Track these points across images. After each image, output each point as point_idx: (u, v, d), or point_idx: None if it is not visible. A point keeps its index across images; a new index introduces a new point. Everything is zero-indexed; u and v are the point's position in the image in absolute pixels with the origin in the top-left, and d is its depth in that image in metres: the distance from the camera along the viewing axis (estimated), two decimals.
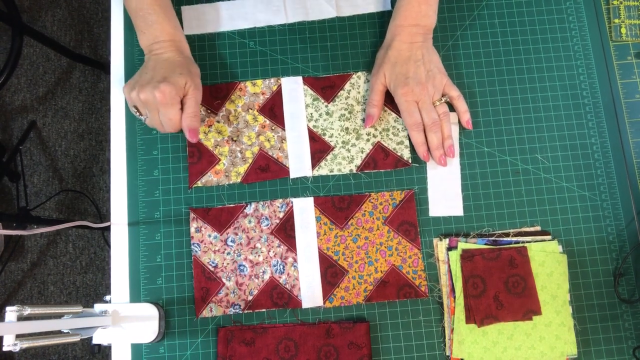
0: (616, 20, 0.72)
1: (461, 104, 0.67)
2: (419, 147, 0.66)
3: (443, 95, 0.67)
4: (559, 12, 0.73)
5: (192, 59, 0.68)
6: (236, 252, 0.65)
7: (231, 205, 0.67)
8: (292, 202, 0.67)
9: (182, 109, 0.63)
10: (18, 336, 0.46)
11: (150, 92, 0.60)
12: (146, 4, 0.65)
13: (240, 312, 0.64)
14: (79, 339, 0.54)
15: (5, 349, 0.46)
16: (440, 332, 0.64)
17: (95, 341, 0.59)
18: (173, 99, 0.61)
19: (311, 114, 0.69)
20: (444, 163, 0.66)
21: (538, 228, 0.66)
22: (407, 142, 0.68)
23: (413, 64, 0.65)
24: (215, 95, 0.70)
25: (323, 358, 0.62)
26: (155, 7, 0.65)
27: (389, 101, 0.69)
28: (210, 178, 0.67)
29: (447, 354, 0.63)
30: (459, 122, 0.68)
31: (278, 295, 0.64)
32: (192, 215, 0.66)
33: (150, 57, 0.66)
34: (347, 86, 0.70)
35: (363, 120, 0.69)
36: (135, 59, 0.71)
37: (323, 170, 0.68)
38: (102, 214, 1.51)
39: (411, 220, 0.66)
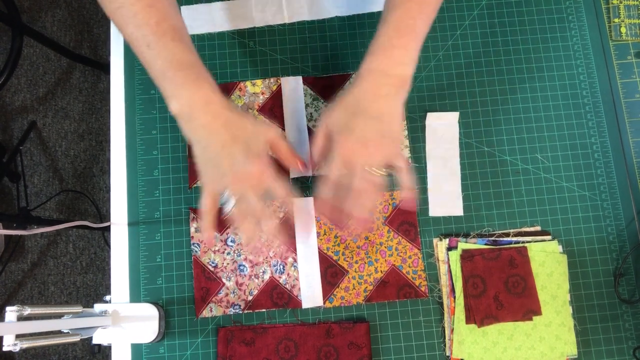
0: (616, 20, 0.72)
1: (406, 179, 0.55)
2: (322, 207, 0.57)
3: (388, 167, 0.55)
4: (559, 12, 0.73)
5: (232, 101, 0.60)
6: (236, 252, 0.65)
7: None
8: (292, 202, 0.66)
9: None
10: (18, 336, 0.46)
11: (245, 169, 0.51)
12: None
13: (240, 312, 0.64)
14: (79, 339, 0.54)
15: (5, 349, 0.46)
16: (440, 332, 0.64)
17: (95, 341, 0.59)
18: (268, 170, 0.52)
19: (311, 113, 0.69)
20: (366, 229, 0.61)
21: (538, 228, 0.66)
22: (406, 142, 0.68)
23: (363, 120, 0.53)
24: None
25: (323, 358, 0.62)
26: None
27: None
28: None
29: (447, 354, 0.63)
30: None
31: (278, 295, 0.64)
32: (192, 215, 0.66)
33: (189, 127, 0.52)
34: (346, 86, 0.70)
35: None
36: (135, 59, 0.71)
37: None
38: (102, 214, 1.51)
39: (411, 220, 0.66)
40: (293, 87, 0.70)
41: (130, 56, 0.71)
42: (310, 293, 0.64)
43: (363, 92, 0.53)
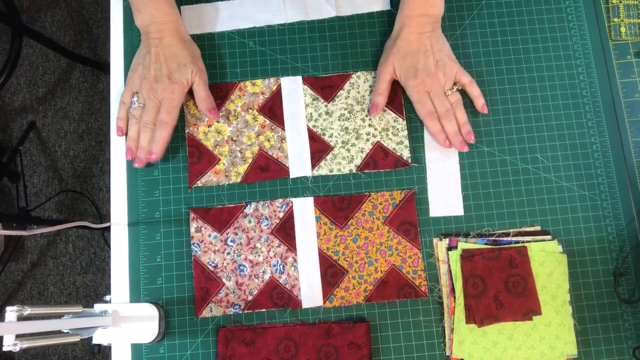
0: (615, 19, 0.72)
1: (474, 89, 0.67)
2: (437, 135, 0.66)
3: (455, 84, 0.67)
4: (559, 12, 0.73)
5: (191, 41, 0.69)
6: (236, 252, 0.65)
7: (231, 205, 0.67)
8: (292, 202, 0.67)
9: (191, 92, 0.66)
10: (18, 336, 0.46)
11: (161, 91, 0.64)
12: None
13: (240, 312, 0.64)
14: (79, 339, 0.54)
15: (5, 349, 0.46)
16: (440, 332, 0.64)
17: (95, 341, 0.59)
18: (179, 103, 0.65)
19: (311, 113, 0.69)
20: (466, 148, 0.66)
21: (538, 228, 0.66)
22: (406, 142, 0.68)
23: (422, 55, 0.65)
24: (215, 95, 0.69)
25: (323, 358, 0.62)
26: None
27: (389, 100, 0.69)
28: (210, 178, 0.67)
29: (447, 354, 0.63)
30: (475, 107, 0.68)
31: (278, 295, 0.64)
32: (192, 215, 0.66)
33: (149, 41, 0.66)
34: (346, 86, 0.70)
35: (365, 117, 0.69)
36: None
37: (323, 170, 0.68)
38: (102, 214, 1.51)
39: (411, 220, 0.66)
40: (293, 87, 0.70)
41: (130, 56, 0.71)
42: (310, 293, 0.64)
43: (410, 34, 0.66)
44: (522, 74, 0.71)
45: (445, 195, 0.67)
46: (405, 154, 0.68)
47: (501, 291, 0.63)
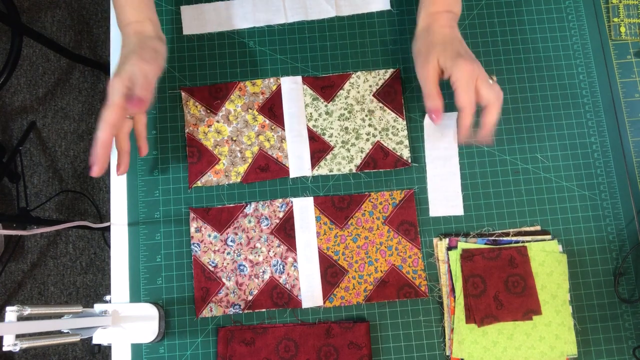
0: (615, 19, 0.72)
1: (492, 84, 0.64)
2: (465, 130, 0.61)
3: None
4: (559, 12, 0.73)
5: (151, 37, 0.65)
6: (236, 252, 0.65)
7: (231, 205, 0.67)
8: (291, 202, 0.67)
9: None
10: (18, 336, 0.46)
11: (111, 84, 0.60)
12: None
13: (240, 312, 0.64)
14: (79, 339, 0.54)
15: (5, 349, 0.46)
16: (440, 332, 0.64)
17: (95, 341, 0.59)
18: (113, 94, 0.59)
19: (311, 113, 0.69)
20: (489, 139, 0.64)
21: (538, 228, 0.66)
22: (406, 142, 0.68)
23: (460, 44, 0.63)
24: (215, 95, 0.70)
25: (323, 358, 0.62)
26: None
27: (389, 100, 0.69)
28: (210, 178, 0.67)
29: (447, 353, 0.63)
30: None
31: (278, 295, 0.64)
32: (192, 215, 0.66)
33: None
34: (346, 86, 0.70)
35: (365, 117, 0.69)
36: None
37: (323, 170, 0.68)
38: (102, 214, 1.51)
39: (411, 220, 0.66)
40: (293, 87, 0.70)
41: None
42: (310, 293, 0.64)
43: (442, 28, 0.65)
44: (522, 74, 0.71)
45: (445, 195, 0.67)
46: (405, 154, 0.68)
47: (501, 291, 0.63)
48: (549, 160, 0.68)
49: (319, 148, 0.68)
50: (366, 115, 0.69)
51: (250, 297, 0.64)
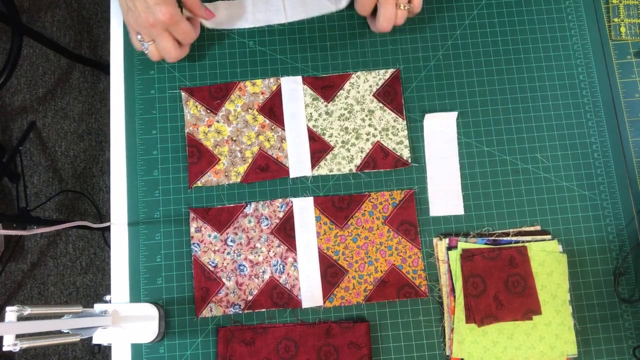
0: (616, 19, 0.72)
1: None
2: (390, 21, 0.66)
3: None
4: (559, 12, 0.73)
5: None
6: (236, 252, 0.65)
7: (231, 205, 0.67)
8: (291, 202, 0.67)
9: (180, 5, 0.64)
10: (18, 336, 0.46)
11: (153, 17, 0.61)
12: None
13: (240, 312, 0.64)
14: (79, 339, 0.54)
15: (5, 349, 0.46)
16: (440, 332, 0.64)
17: (95, 341, 0.59)
18: (177, 13, 0.62)
19: (311, 113, 0.69)
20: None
21: (538, 228, 0.66)
22: (406, 142, 0.68)
23: None
24: (215, 95, 0.70)
25: (323, 358, 0.62)
26: None
27: (389, 100, 0.69)
28: (210, 178, 0.67)
29: (447, 353, 0.63)
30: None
31: (278, 295, 0.64)
32: (192, 215, 0.66)
33: None
34: (346, 86, 0.70)
35: (365, 117, 0.69)
36: (135, 59, 0.71)
37: (323, 170, 0.68)
38: (102, 214, 1.51)
39: (411, 219, 0.66)
40: (293, 87, 0.70)
41: (130, 56, 0.71)
42: (310, 293, 0.64)
43: None
44: (522, 74, 0.71)
45: (445, 195, 0.67)
46: (405, 153, 0.68)
47: (501, 291, 0.63)
48: (549, 160, 0.68)
49: (319, 148, 0.68)
50: (366, 115, 0.69)
51: (250, 297, 0.64)
